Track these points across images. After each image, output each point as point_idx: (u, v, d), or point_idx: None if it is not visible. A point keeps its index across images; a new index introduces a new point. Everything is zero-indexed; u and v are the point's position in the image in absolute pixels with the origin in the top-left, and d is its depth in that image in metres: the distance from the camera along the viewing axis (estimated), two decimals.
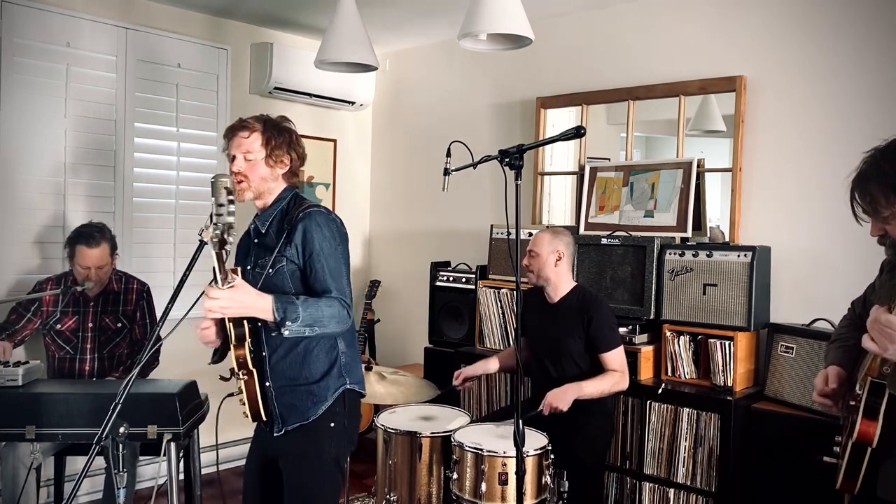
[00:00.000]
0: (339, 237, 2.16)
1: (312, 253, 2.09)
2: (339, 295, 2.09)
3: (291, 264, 2.10)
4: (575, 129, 2.05)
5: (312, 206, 2.17)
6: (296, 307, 1.98)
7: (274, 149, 2.15)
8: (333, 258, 2.12)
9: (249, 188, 2.15)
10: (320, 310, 2.02)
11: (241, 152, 2.15)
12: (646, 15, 3.74)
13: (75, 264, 3.16)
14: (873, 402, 1.61)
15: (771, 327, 3.17)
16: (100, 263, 3.15)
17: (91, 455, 1.78)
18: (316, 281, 2.09)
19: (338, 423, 2.15)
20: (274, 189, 2.20)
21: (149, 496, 3.33)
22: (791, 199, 3.27)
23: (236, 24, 4.38)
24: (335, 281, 2.10)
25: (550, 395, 2.80)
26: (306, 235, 2.09)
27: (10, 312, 3.21)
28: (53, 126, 3.65)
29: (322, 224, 2.12)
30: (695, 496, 3.08)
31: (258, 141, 2.15)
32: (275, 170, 2.17)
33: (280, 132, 2.18)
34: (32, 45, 3.56)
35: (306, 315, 1.99)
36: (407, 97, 4.94)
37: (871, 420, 1.61)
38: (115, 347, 3.29)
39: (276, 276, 2.10)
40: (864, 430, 1.62)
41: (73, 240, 3.17)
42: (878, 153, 1.62)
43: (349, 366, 2.20)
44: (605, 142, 4.04)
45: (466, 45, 2.98)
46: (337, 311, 2.06)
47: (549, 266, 3.01)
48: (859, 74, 3.09)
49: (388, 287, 4.93)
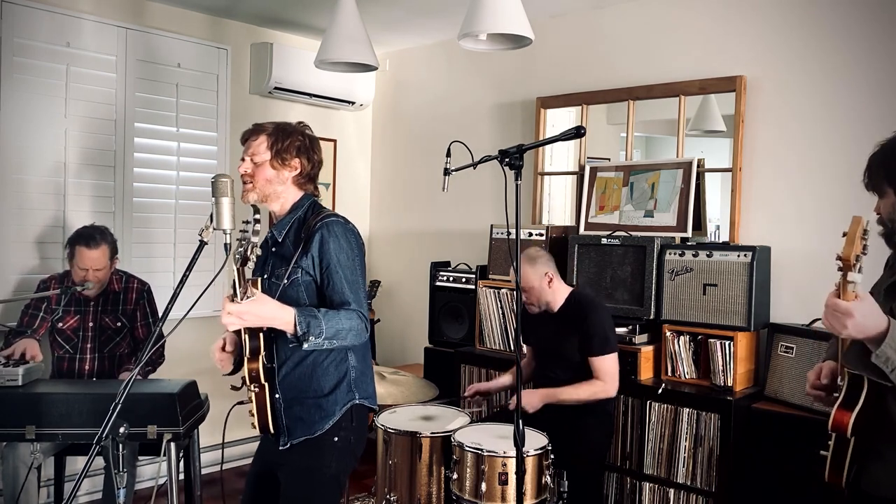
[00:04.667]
0: (357, 248, 2.14)
1: (330, 264, 2.06)
2: (358, 307, 2.06)
3: (307, 275, 2.07)
4: (575, 129, 2.04)
5: (330, 215, 2.14)
6: (319, 321, 1.96)
7: (280, 151, 2.13)
8: (351, 270, 2.09)
9: (254, 189, 2.14)
10: (341, 323, 2.00)
11: (248, 154, 2.15)
12: (646, 15, 3.74)
13: (74, 265, 3.15)
14: (852, 394, 1.65)
15: (771, 327, 3.17)
16: (98, 266, 3.14)
17: (91, 455, 1.78)
18: (334, 293, 2.06)
19: (342, 439, 2.11)
20: (283, 193, 2.16)
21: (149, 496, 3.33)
22: (791, 199, 3.27)
23: (236, 24, 4.38)
24: (354, 293, 2.07)
25: (524, 394, 2.79)
26: (324, 246, 2.06)
27: (22, 315, 3.20)
28: (53, 126, 3.65)
29: (339, 234, 2.09)
30: (695, 496, 3.08)
31: (264, 143, 2.14)
32: (281, 173, 2.14)
33: (288, 135, 2.15)
34: (32, 45, 3.56)
35: (328, 329, 1.97)
36: (407, 97, 4.94)
37: (846, 410, 1.64)
38: (115, 347, 3.29)
39: (290, 287, 2.07)
40: (837, 419, 1.65)
41: (73, 240, 3.17)
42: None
43: (359, 380, 2.16)
44: (605, 142, 4.04)
45: (466, 45, 2.98)
46: (356, 325, 2.04)
47: (545, 291, 2.99)
48: (860, 74, 3.09)
49: (388, 287, 4.93)
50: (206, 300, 2.09)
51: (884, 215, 1.71)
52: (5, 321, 3.41)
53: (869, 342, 1.53)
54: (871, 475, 1.68)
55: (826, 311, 1.53)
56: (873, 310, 1.51)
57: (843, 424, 1.64)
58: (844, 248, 1.49)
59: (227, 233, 1.93)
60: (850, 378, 1.66)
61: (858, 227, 1.49)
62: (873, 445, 1.67)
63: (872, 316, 1.50)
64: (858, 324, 1.49)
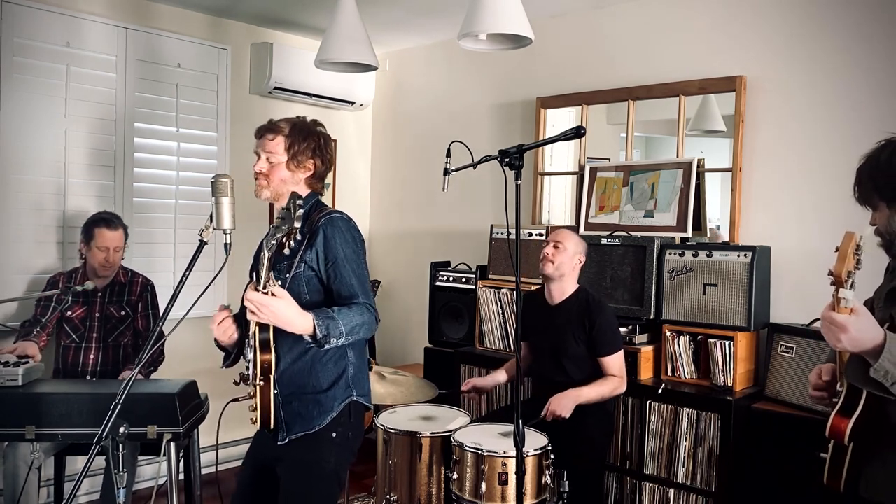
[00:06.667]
0: (360, 243, 2.18)
1: (337, 259, 2.09)
2: (367, 300, 2.09)
3: (310, 270, 2.09)
4: (575, 129, 2.05)
5: (334, 211, 2.17)
6: (337, 323, 1.98)
7: (297, 153, 2.16)
8: (357, 263, 2.13)
9: (268, 187, 2.17)
10: (354, 319, 2.03)
11: (264, 153, 2.17)
12: (646, 15, 3.74)
13: (93, 247, 3.24)
14: (850, 401, 1.65)
15: (771, 327, 3.17)
16: (117, 245, 3.27)
17: (91, 455, 1.78)
18: (342, 286, 2.09)
19: (340, 435, 2.12)
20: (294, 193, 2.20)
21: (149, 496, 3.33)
22: (791, 199, 3.27)
23: (236, 24, 4.38)
24: (361, 286, 2.10)
25: (553, 402, 2.80)
26: (328, 242, 2.09)
27: (36, 307, 3.31)
28: (53, 126, 3.65)
29: (344, 230, 2.13)
30: (695, 496, 3.08)
31: (282, 144, 2.16)
32: (296, 174, 2.18)
33: (305, 137, 2.19)
34: (32, 45, 3.56)
35: (346, 328, 2.00)
36: (407, 97, 4.94)
37: (844, 417, 1.64)
38: (119, 336, 3.34)
39: (293, 280, 2.09)
40: (835, 425, 1.65)
41: (91, 224, 3.27)
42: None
43: (357, 377, 2.18)
44: (605, 142, 4.04)
45: (466, 45, 2.98)
46: (368, 318, 2.07)
47: (570, 264, 3.02)
48: (859, 74, 3.09)
49: (388, 287, 4.93)
50: (206, 300, 2.09)
51: (880, 227, 1.70)
52: (14, 320, 3.45)
53: (866, 356, 1.52)
54: (869, 480, 1.67)
55: (822, 323, 1.53)
56: (869, 324, 1.50)
57: (841, 431, 1.64)
58: (836, 264, 1.49)
59: (227, 233, 1.94)
60: (849, 385, 1.66)
61: (851, 244, 1.49)
62: (873, 450, 1.66)
63: (868, 330, 1.50)
64: (853, 338, 1.48)
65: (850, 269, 1.48)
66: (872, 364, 1.50)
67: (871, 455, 1.67)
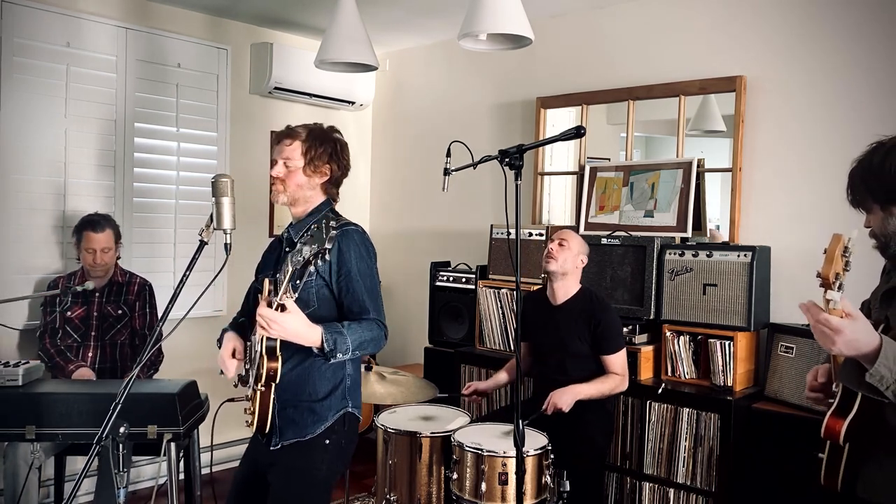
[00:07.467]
0: (373, 257, 2.19)
1: (350, 272, 2.09)
2: (377, 316, 2.11)
3: (321, 280, 2.10)
4: (575, 129, 2.05)
5: (349, 224, 2.17)
6: (344, 337, 2.00)
7: (314, 159, 2.17)
8: (370, 278, 2.14)
9: (284, 192, 2.17)
10: (364, 335, 2.04)
11: (281, 158, 2.17)
12: (646, 15, 3.74)
13: (82, 249, 3.30)
14: (846, 402, 1.64)
15: (771, 327, 3.17)
16: (104, 246, 3.30)
17: (91, 455, 1.78)
18: (353, 301, 2.10)
19: (333, 442, 2.13)
20: (311, 198, 2.20)
21: (149, 496, 3.33)
22: (791, 199, 3.27)
23: (236, 24, 4.38)
24: (373, 302, 2.11)
25: (554, 395, 2.81)
26: (343, 255, 2.10)
27: (42, 314, 3.36)
28: (53, 126, 3.65)
29: (359, 243, 2.14)
30: (695, 496, 3.08)
31: (299, 150, 2.17)
32: (313, 179, 2.19)
33: (322, 143, 2.19)
34: (32, 45, 3.57)
35: (353, 343, 2.01)
36: (407, 97, 4.94)
37: (839, 417, 1.64)
38: (116, 335, 3.37)
39: (303, 288, 2.07)
40: (830, 426, 1.65)
41: (80, 227, 3.33)
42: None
43: (353, 389, 2.19)
44: (605, 142, 4.04)
45: (466, 45, 2.98)
46: (377, 334, 2.08)
47: (573, 263, 3.04)
48: (859, 74, 3.09)
49: (388, 287, 4.92)
50: (206, 300, 2.09)
51: (875, 229, 1.70)
52: (14, 320, 3.49)
53: (861, 360, 1.51)
54: (867, 481, 1.67)
55: (816, 327, 1.51)
56: (864, 328, 1.49)
57: (836, 432, 1.64)
58: (823, 266, 1.47)
59: (227, 233, 1.94)
60: (844, 386, 1.66)
61: (838, 246, 1.47)
62: (869, 452, 1.66)
63: (863, 334, 1.48)
64: (848, 341, 1.47)
65: (837, 270, 1.46)
66: (868, 368, 1.49)
67: (868, 456, 1.67)
